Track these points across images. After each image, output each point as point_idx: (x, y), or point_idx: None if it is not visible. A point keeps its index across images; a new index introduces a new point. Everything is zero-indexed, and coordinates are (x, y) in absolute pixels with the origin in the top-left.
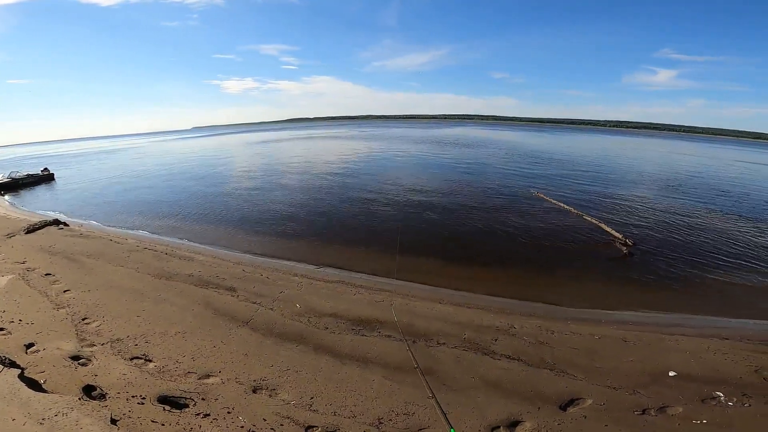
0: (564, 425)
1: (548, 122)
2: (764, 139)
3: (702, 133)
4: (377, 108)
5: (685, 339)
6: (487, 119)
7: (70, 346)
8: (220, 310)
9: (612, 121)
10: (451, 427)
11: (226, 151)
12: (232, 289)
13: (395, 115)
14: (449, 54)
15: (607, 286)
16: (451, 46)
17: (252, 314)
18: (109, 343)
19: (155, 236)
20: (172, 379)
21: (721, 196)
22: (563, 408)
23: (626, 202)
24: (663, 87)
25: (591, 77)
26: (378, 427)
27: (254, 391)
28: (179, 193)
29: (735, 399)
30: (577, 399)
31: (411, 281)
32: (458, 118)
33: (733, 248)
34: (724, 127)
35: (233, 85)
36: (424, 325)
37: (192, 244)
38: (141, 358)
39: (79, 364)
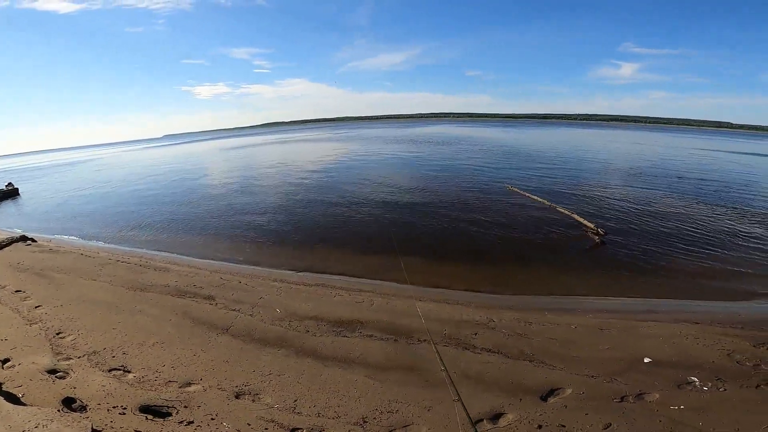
0: (545, 415)
1: (521, 117)
2: (725, 127)
3: (666, 123)
4: (353, 109)
5: (657, 325)
6: (462, 117)
7: (46, 360)
8: (198, 318)
9: (581, 115)
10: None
11: (199, 158)
12: (210, 298)
13: (371, 116)
14: (423, 53)
15: (582, 275)
16: (425, 44)
17: (231, 321)
18: (86, 356)
19: (128, 248)
20: (153, 388)
21: (681, 183)
22: (544, 398)
23: (595, 192)
24: (627, 80)
25: (559, 72)
26: (363, 426)
27: (237, 397)
28: (151, 203)
29: (710, 383)
30: (557, 389)
31: (390, 280)
32: (434, 117)
33: (696, 233)
34: (686, 117)
35: (205, 91)
36: (405, 323)
37: (167, 254)
38: (119, 369)
39: (56, 377)
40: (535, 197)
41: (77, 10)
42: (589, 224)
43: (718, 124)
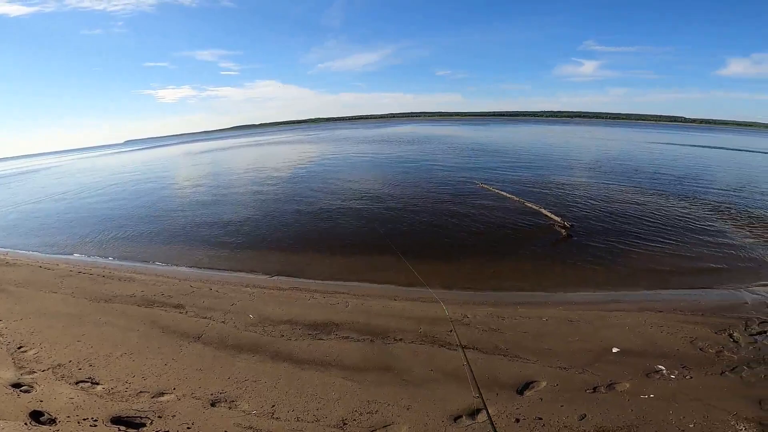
0: (522, 409)
1: (490, 115)
2: (678, 121)
3: (625, 119)
4: (325, 110)
5: (623, 314)
6: (434, 116)
7: (9, 375)
8: (168, 327)
9: (547, 112)
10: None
11: (163, 163)
12: (179, 306)
13: (343, 117)
14: (394, 53)
15: (551, 268)
16: (396, 44)
17: (203, 329)
18: (51, 369)
19: (90, 259)
20: (124, 399)
21: (638, 175)
22: (520, 392)
23: (560, 187)
24: (589, 77)
25: (526, 71)
26: (343, 428)
27: (213, 405)
28: (112, 212)
29: (676, 372)
30: (532, 382)
31: (365, 281)
32: (406, 116)
33: (654, 224)
34: (644, 113)
35: (169, 94)
36: (381, 323)
37: (132, 264)
38: (87, 382)
39: (21, 391)
40: (505, 193)
41: (29, 13)
42: (556, 218)
43: (673, 119)
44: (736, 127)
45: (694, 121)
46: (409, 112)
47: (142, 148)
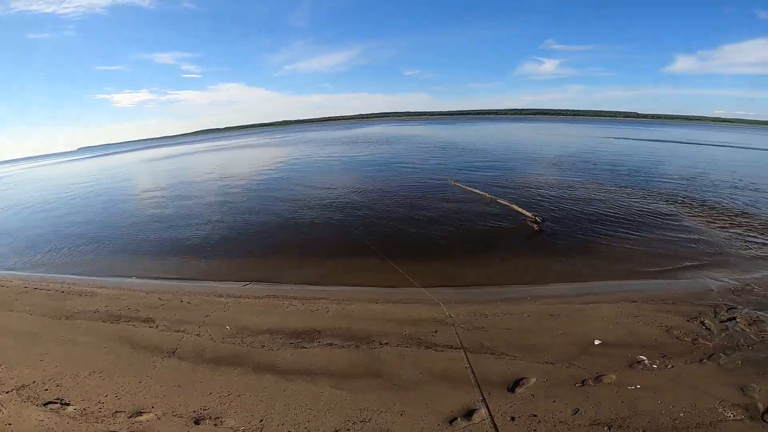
0: (516, 406)
1: (458, 114)
2: (632, 117)
3: (584, 115)
4: (293, 112)
5: (600, 306)
6: (402, 116)
7: None
8: (138, 343)
9: (511, 110)
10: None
11: (121, 170)
12: (149, 320)
13: (312, 119)
14: (362, 53)
15: (526, 263)
16: (363, 45)
17: (177, 343)
18: (15, 391)
19: (46, 275)
20: (99, 420)
21: (597, 169)
22: (511, 390)
23: (527, 182)
24: (549, 76)
25: (490, 70)
26: None
27: (196, 423)
28: (67, 224)
29: (658, 361)
30: (522, 379)
31: (343, 284)
32: (375, 117)
33: (617, 215)
34: (600, 109)
35: (125, 98)
36: (364, 327)
37: (93, 278)
38: (56, 403)
39: None
40: (476, 190)
41: None
42: (527, 213)
43: (627, 114)
44: (686, 122)
45: (646, 116)
46: (379, 112)
47: (99, 155)
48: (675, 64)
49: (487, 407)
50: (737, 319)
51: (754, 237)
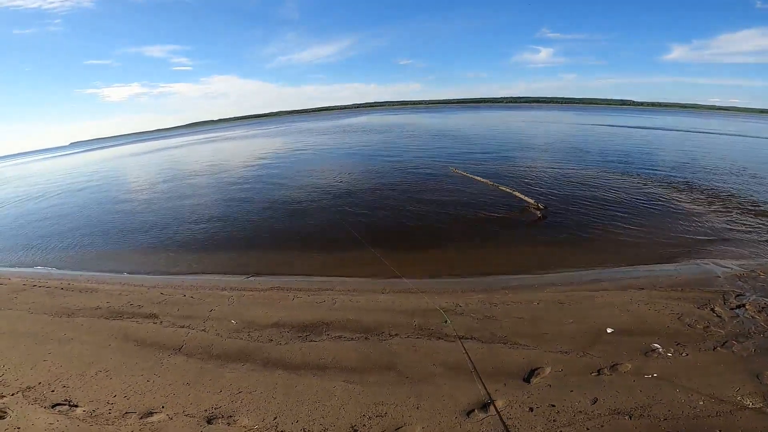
0: (533, 397)
1: (452, 103)
2: (628, 105)
3: (578, 103)
4: (288, 103)
5: (608, 293)
6: (396, 105)
7: None
8: (143, 340)
9: (506, 98)
10: None
11: (115, 164)
12: (152, 316)
13: (305, 109)
14: (355, 43)
15: (532, 250)
16: (356, 34)
17: (183, 339)
18: (20, 393)
19: (44, 271)
20: (110, 422)
21: (590, 154)
22: (527, 380)
23: (527, 169)
24: (544, 64)
25: (485, 59)
26: None
27: (209, 422)
28: (64, 219)
29: (672, 349)
30: (537, 368)
31: (349, 276)
32: (369, 107)
33: (618, 200)
34: (595, 97)
35: (116, 92)
36: (373, 318)
37: (92, 274)
38: (64, 404)
39: None
40: (478, 178)
41: None
42: (529, 200)
43: (622, 102)
44: (681, 109)
45: (642, 104)
46: (373, 102)
47: (91, 149)
48: (671, 53)
49: (490, 397)
50: (746, 306)
51: (758, 223)
